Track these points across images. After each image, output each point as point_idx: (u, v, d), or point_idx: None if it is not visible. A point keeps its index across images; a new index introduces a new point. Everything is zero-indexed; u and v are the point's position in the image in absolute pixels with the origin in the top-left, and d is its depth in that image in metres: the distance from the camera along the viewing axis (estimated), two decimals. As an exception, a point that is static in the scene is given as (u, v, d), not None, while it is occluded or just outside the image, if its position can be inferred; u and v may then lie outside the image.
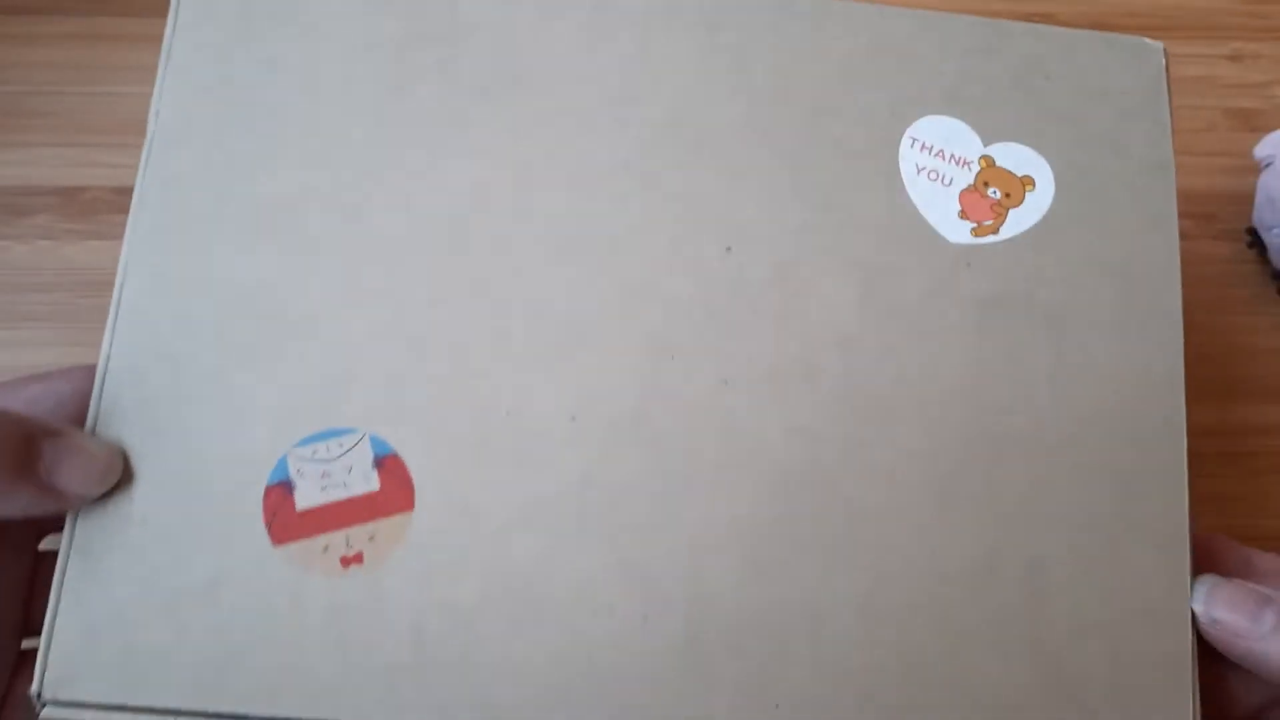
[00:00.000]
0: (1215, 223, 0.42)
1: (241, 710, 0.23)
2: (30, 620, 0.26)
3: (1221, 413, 0.41)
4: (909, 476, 0.26)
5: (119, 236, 0.38)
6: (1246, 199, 0.41)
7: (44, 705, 0.23)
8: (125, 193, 0.39)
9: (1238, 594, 0.25)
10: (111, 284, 0.37)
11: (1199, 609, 0.25)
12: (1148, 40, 0.30)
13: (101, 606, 0.23)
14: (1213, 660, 0.26)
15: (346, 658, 0.23)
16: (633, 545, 0.25)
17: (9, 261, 0.37)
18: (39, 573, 0.26)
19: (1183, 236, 0.29)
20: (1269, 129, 0.42)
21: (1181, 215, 0.29)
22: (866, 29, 0.29)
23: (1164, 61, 0.30)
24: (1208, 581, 0.26)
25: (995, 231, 0.28)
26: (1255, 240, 0.41)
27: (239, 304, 0.25)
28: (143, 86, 0.40)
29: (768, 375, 0.26)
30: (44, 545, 0.26)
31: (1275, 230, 0.39)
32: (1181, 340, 0.27)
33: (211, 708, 0.23)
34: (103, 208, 0.38)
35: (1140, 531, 0.26)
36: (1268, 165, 0.39)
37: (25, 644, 0.26)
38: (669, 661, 0.24)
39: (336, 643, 0.23)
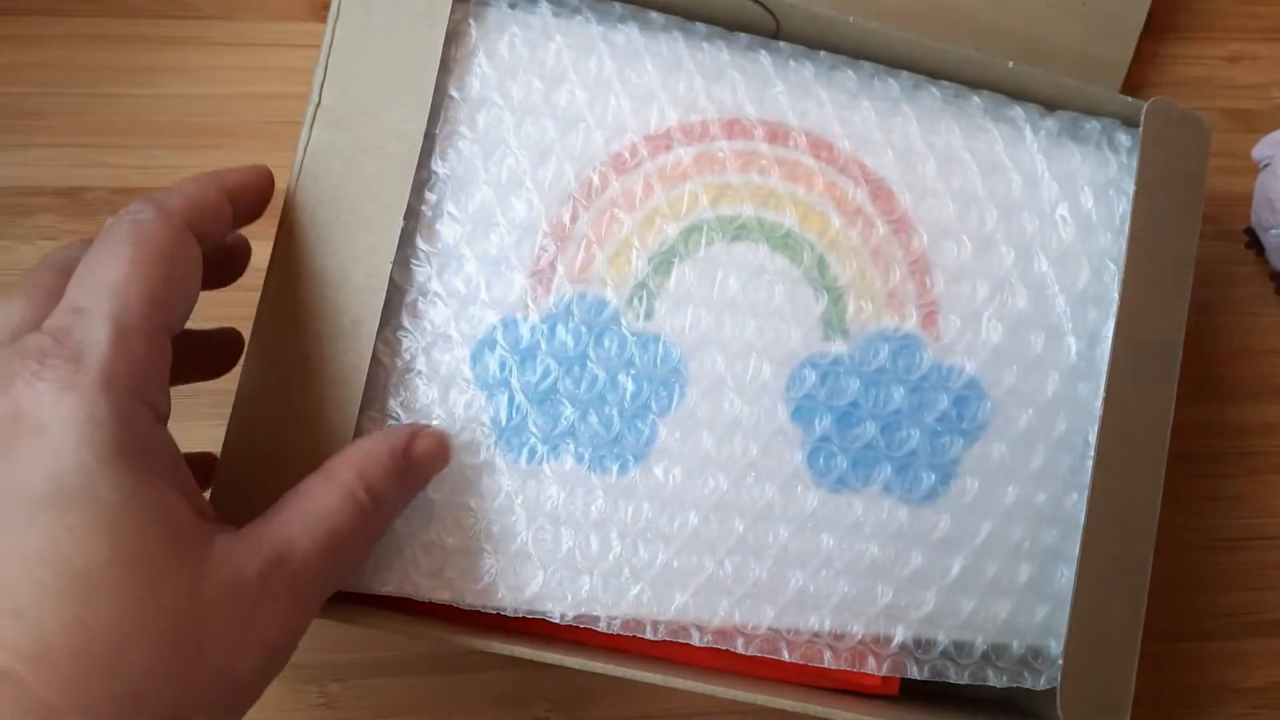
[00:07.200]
0: (1213, 223, 0.42)
1: None
2: None
3: (1221, 413, 0.41)
4: None
5: (120, 237, 0.39)
6: (1244, 200, 0.41)
7: None
8: (126, 193, 0.39)
9: None
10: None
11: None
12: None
13: None
14: None
15: None
16: None
17: (11, 262, 0.37)
18: None
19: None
20: (1267, 130, 0.42)
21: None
22: None
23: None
24: None
25: None
26: (1253, 241, 0.41)
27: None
28: (144, 88, 0.41)
29: None
30: None
31: (1273, 231, 0.39)
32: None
33: None
34: (104, 208, 0.38)
35: None
36: (1265, 166, 0.39)
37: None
38: None
39: None
